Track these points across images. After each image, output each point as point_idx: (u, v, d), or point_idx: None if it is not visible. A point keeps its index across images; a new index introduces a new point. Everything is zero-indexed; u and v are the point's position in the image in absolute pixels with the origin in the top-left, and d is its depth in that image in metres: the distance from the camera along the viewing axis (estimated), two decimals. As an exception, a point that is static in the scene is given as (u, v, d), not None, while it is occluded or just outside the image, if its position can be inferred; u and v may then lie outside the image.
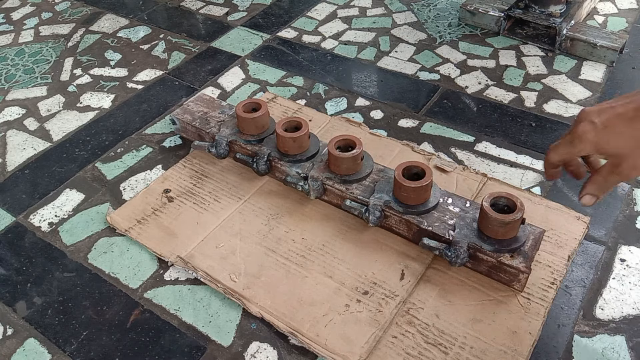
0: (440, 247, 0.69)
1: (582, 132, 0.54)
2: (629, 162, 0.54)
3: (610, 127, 0.53)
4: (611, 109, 0.54)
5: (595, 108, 0.55)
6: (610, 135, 0.53)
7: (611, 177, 0.56)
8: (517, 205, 0.67)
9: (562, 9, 1.11)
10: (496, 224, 0.66)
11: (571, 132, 0.56)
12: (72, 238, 0.80)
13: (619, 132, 0.53)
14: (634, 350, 0.64)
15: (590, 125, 0.54)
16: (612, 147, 0.54)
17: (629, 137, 0.52)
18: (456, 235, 0.68)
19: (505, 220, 0.65)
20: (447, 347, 0.63)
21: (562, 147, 0.57)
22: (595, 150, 0.55)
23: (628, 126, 0.52)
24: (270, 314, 0.68)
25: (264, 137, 0.84)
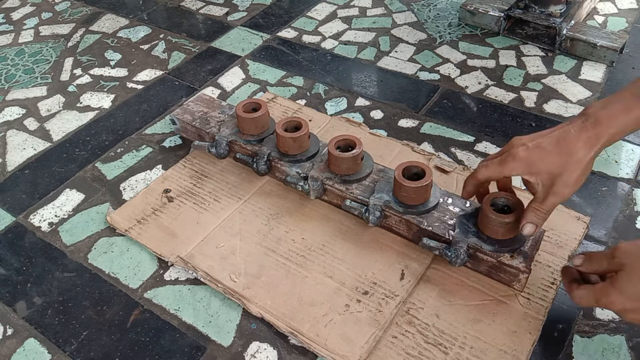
0: (440, 247, 0.69)
1: (515, 151, 0.60)
2: (561, 178, 0.59)
3: (540, 147, 0.59)
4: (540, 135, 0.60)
5: (526, 136, 0.61)
6: (541, 154, 0.59)
7: (548, 200, 0.61)
8: (517, 204, 0.67)
9: (562, 9, 1.11)
10: (496, 224, 0.66)
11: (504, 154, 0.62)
12: (72, 238, 0.80)
13: (548, 151, 0.58)
14: (634, 350, 0.64)
15: (522, 146, 0.60)
16: (543, 165, 0.59)
17: (556, 155, 0.58)
18: (456, 235, 0.68)
19: (505, 220, 0.65)
20: (447, 347, 0.63)
21: (492, 165, 0.62)
22: (526, 169, 0.60)
23: (555, 145, 0.58)
24: (270, 314, 0.68)
25: (264, 137, 0.84)
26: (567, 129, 0.59)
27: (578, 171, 0.59)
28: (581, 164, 0.59)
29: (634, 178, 0.84)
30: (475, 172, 0.65)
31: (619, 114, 0.57)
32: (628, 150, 0.88)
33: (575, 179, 0.59)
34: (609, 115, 0.57)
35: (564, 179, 0.59)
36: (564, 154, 0.58)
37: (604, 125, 0.57)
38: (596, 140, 0.58)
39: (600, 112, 0.58)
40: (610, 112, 0.57)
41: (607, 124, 0.57)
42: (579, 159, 0.58)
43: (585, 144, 0.58)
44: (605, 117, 0.57)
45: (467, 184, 0.67)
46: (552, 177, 0.60)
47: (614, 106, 0.58)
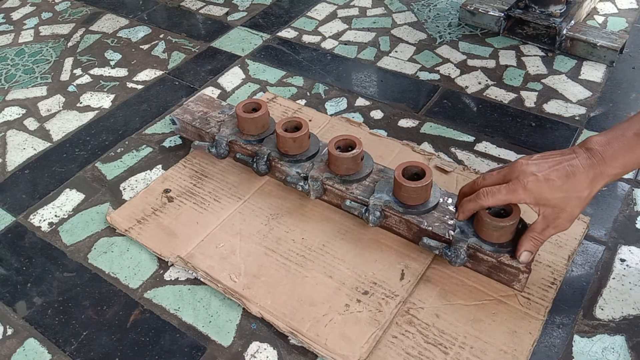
0: (440, 247, 0.69)
1: (526, 182, 0.60)
2: (565, 213, 0.60)
3: (550, 181, 0.59)
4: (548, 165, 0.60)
5: (532, 162, 0.61)
6: (551, 188, 0.59)
7: (547, 231, 0.62)
8: (512, 208, 0.66)
9: (562, 9, 1.11)
10: (490, 227, 0.65)
11: (513, 182, 0.61)
12: (72, 238, 0.80)
13: (558, 187, 0.59)
14: (634, 350, 0.64)
15: (534, 177, 0.59)
16: (552, 199, 0.59)
17: (565, 192, 0.59)
18: (456, 235, 0.68)
19: (499, 224, 0.65)
20: (447, 347, 0.63)
21: (502, 194, 0.62)
22: (534, 200, 0.61)
23: (565, 181, 0.59)
24: (270, 313, 0.68)
25: (264, 137, 0.84)
26: (576, 164, 0.59)
27: (580, 208, 0.60)
28: (585, 202, 0.60)
29: (634, 178, 0.84)
30: (479, 199, 0.63)
31: (622, 154, 0.57)
32: (628, 150, 0.88)
33: (576, 215, 0.61)
34: (613, 155, 0.58)
35: (568, 215, 0.60)
36: (572, 190, 0.59)
37: (608, 165, 0.58)
38: (601, 180, 0.59)
39: (605, 151, 0.58)
40: (614, 152, 0.58)
41: (610, 164, 0.58)
42: (585, 197, 0.59)
43: (591, 182, 0.59)
44: (610, 156, 0.58)
45: (467, 208, 0.66)
46: (557, 211, 0.60)
47: (618, 144, 0.58)
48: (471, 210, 0.66)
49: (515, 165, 0.62)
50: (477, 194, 0.64)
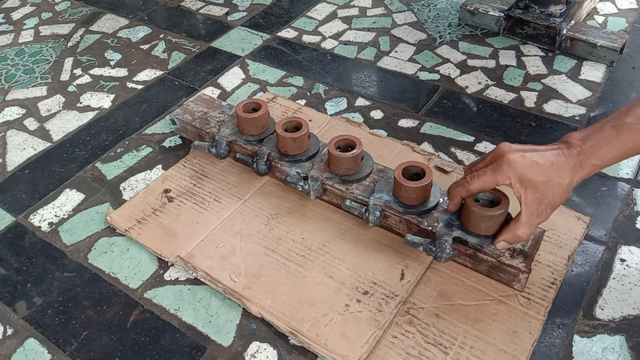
0: (424, 243, 0.68)
1: (511, 159, 0.59)
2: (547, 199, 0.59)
3: (535, 162, 0.59)
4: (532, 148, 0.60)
5: (517, 145, 0.61)
6: (536, 168, 0.58)
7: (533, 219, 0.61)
8: (501, 198, 0.65)
9: (562, 9, 1.11)
10: (478, 217, 0.64)
11: (497, 161, 0.60)
12: (72, 238, 0.80)
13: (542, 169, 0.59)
14: (634, 350, 0.64)
15: (518, 155, 0.59)
16: (535, 181, 0.59)
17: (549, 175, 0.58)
18: (440, 229, 0.67)
19: (488, 213, 0.63)
20: (447, 347, 0.63)
21: (487, 175, 0.61)
22: (519, 179, 0.59)
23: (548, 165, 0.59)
24: (270, 313, 0.68)
25: (264, 137, 0.84)
26: (559, 153, 0.59)
27: (561, 197, 0.60)
28: (566, 192, 0.60)
29: (634, 178, 0.84)
30: (467, 184, 0.62)
31: (600, 146, 0.58)
32: (628, 150, 0.88)
33: (558, 203, 0.61)
34: (592, 148, 0.58)
35: (550, 201, 0.60)
36: (555, 176, 0.59)
37: (587, 158, 0.58)
38: (581, 170, 0.59)
39: (584, 144, 0.59)
40: (592, 144, 0.58)
41: (589, 157, 0.58)
42: (566, 185, 0.59)
43: (572, 169, 0.59)
44: (588, 149, 0.58)
45: (455, 195, 0.65)
46: (539, 197, 0.60)
47: (596, 138, 0.58)
48: (460, 197, 0.65)
49: (500, 147, 0.62)
50: (465, 179, 0.63)
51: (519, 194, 0.60)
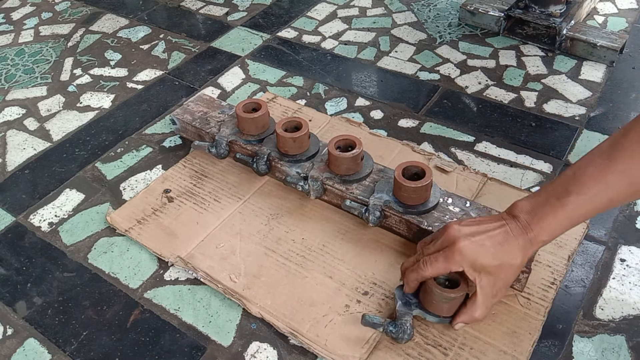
0: (384, 324, 0.63)
1: (462, 247, 0.59)
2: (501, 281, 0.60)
3: (484, 247, 0.58)
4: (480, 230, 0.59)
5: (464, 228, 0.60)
6: (485, 253, 0.58)
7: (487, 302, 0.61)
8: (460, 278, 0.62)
9: (562, 9, 1.11)
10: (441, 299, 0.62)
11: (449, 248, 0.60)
12: (72, 238, 0.80)
13: (491, 253, 0.58)
14: (634, 350, 0.64)
15: (468, 241, 0.59)
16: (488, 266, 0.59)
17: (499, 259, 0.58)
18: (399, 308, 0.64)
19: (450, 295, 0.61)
20: (446, 348, 0.63)
21: (440, 262, 0.60)
22: (471, 266, 0.59)
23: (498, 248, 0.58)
24: (270, 314, 0.68)
25: (264, 137, 0.84)
26: (506, 231, 0.59)
27: (513, 276, 0.61)
28: (517, 270, 0.60)
29: (634, 178, 0.83)
30: (420, 270, 0.62)
31: (548, 221, 0.57)
32: (628, 150, 0.88)
33: (510, 283, 0.62)
34: (539, 224, 0.58)
35: (503, 283, 0.61)
36: (505, 258, 0.59)
37: (535, 233, 0.58)
38: (530, 247, 0.59)
39: (531, 219, 0.58)
40: (539, 219, 0.57)
41: (537, 232, 0.58)
42: (518, 265, 0.59)
43: (522, 249, 0.58)
44: (535, 225, 0.58)
45: (411, 279, 0.63)
46: (492, 280, 0.60)
47: (542, 212, 0.58)
48: (415, 281, 0.63)
49: (449, 231, 0.61)
50: (418, 264, 0.62)
51: (473, 278, 0.60)
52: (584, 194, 0.55)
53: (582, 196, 0.55)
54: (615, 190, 0.54)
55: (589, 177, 0.55)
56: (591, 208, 0.56)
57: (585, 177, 0.55)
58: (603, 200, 0.55)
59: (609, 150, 0.54)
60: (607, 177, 0.54)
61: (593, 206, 0.56)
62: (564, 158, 0.87)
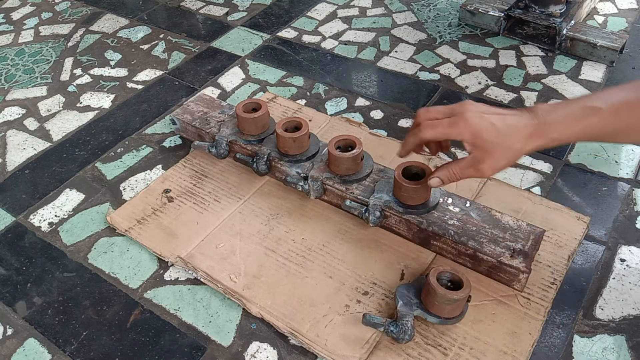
0: (385, 323, 0.64)
1: (469, 115, 0.58)
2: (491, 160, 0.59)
3: (492, 123, 0.58)
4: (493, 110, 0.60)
5: (479, 104, 0.60)
6: (491, 129, 0.58)
7: (467, 171, 0.61)
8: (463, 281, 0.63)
9: (562, 9, 1.11)
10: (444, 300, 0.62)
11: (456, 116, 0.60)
12: (72, 238, 0.80)
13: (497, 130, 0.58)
14: (634, 350, 0.64)
15: (477, 114, 0.59)
16: (488, 141, 0.58)
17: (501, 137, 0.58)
18: (400, 308, 0.64)
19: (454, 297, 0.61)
20: (446, 348, 0.63)
21: (443, 126, 0.60)
22: (472, 136, 0.59)
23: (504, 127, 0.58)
24: (270, 314, 0.68)
25: (264, 137, 0.84)
26: (518, 119, 0.59)
27: (508, 160, 0.60)
28: (515, 156, 0.60)
29: (634, 178, 0.84)
30: (420, 132, 0.62)
31: (563, 124, 0.58)
32: (628, 150, 0.88)
33: (502, 166, 0.60)
34: (554, 121, 0.58)
35: (493, 162, 0.60)
36: (507, 140, 0.58)
37: (547, 129, 0.58)
38: (537, 139, 0.59)
39: (548, 115, 0.58)
40: (555, 119, 0.58)
41: (549, 129, 0.58)
42: (516, 150, 0.59)
43: (527, 137, 0.58)
44: (551, 121, 0.58)
45: (408, 143, 0.64)
46: (485, 154, 0.59)
47: (561, 114, 0.58)
48: (412, 144, 0.64)
49: (463, 103, 0.61)
50: (419, 127, 0.62)
51: (469, 149, 0.60)
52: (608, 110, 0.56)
53: (605, 112, 0.56)
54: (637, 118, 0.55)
55: (618, 99, 0.56)
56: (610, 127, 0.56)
57: (614, 98, 0.56)
58: (622, 123, 0.56)
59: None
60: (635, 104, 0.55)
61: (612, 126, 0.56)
62: (564, 158, 0.87)
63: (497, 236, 0.69)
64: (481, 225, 0.71)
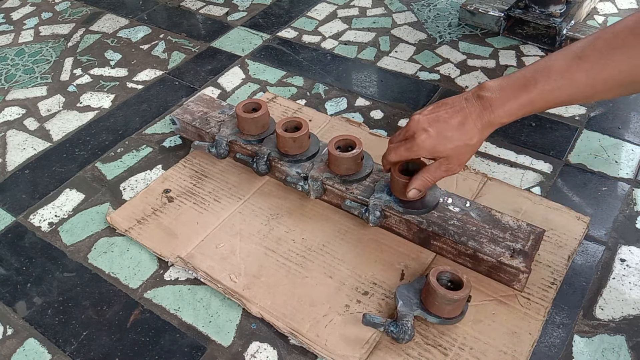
0: (385, 323, 0.64)
1: (420, 140, 0.64)
2: (457, 159, 0.64)
3: (441, 135, 0.63)
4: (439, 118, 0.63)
5: (424, 117, 0.64)
6: (443, 141, 0.63)
7: (438, 173, 0.67)
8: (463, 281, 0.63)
9: (562, 9, 1.11)
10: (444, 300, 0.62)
11: (409, 139, 0.65)
12: (72, 238, 0.80)
13: (449, 138, 0.63)
14: (634, 350, 0.64)
15: (426, 134, 0.63)
16: (445, 150, 0.63)
17: (456, 141, 0.62)
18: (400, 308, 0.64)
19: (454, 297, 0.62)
20: (446, 348, 0.63)
21: (401, 150, 0.67)
22: (430, 154, 0.65)
23: (455, 132, 0.62)
24: (270, 314, 0.68)
25: (264, 137, 0.84)
26: (466, 114, 0.62)
27: (470, 154, 0.64)
28: (474, 147, 0.64)
29: (634, 178, 0.84)
30: (387, 155, 0.69)
31: (510, 103, 0.59)
32: (628, 150, 0.88)
33: (467, 159, 0.65)
34: (501, 104, 0.60)
35: (458, 160, 0.64)
36: (462, 139, 0.62)
37: (496, 114, 0.60)
38: (489, 127, 0.62)
39: (494, 98, 0.60)
40: (502, 101, 0.60)
41: (498, 113, 0.60)
42: (473, 145, 0.63)
43: (480, 131, 0.62)
44: (498, 105, 0.60)
45: (384, 164, 0.72)
46: (448, 159, 0.64)
47: (506, 94, 0.60)
48: (387, 164, 0.71)
49: (410, 123, 0.66)
50: (386, 152, 0.70)
51: (432, 159, 0.66)
52: (549, 84, 0.57)
53: (546, 86, 0.57)
54: (577, 88, 0.57)
55: (557, 70, 0.57)
56: (552, 99, 0.58)
57: (553, 70, 0.57)
58: (563, 95, 0.57)
59: (581, 49, 0.56)
60: (573, 74, 0.56)
61: (554, 98, 0.58)
62: (564, 158, 0.87)
63: (497, 236, 0.69)
64: (481, 225, 0.71)
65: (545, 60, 0.59)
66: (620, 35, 0.53)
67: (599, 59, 0.54)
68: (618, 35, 0.54)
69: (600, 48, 0.54)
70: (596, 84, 0.55)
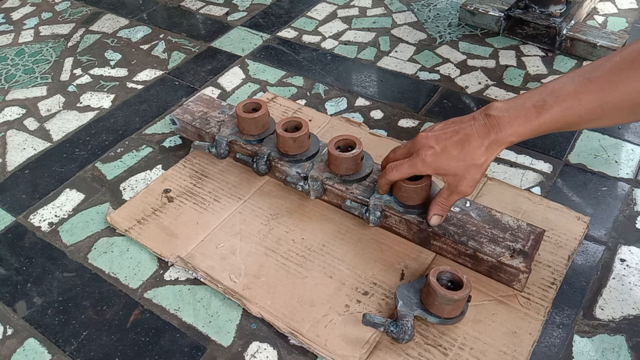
0: (385, 323, 0.64)
1: (424, 156, 0.63)
2: (466, 180, 0.64)
3: (446, 152, 0.63)
4: (445, 136, 0.63)
5: (431, 134, 0.64)
6: (447, 159, 0.63)
7: (452, 197, 0.66)
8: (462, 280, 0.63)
9: (562, 9, 1.11)
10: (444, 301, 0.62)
11: (413, 155, 0.65)
12: (72, 238, 0.80)
13: (454, 156, 0.62)
14: (634, 350, 0.64)
15: (431, 150, 0.63)
16: (449, 168, 0.63)
17: (461, 160, 0.62)
18: (401, 308, 0.64)
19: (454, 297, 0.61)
20: (446, 348, 0.63)
21: (405, 168, 0.66)
22: (434, 171, 0.65)
23: (460, 151, 0.62)
24: (270, 314, 0.68)
25: (264, 137, 0.84)
26: (471, 133, 0.61)
27: (479, 174, 0.63)
28: (483, 167, 0.63)
29: (634, 178, 0.84)
30: (387, 174, 0.68)
31: (518, 123, 0.59)
32: (628, 150, 0.88)
33: (477, 180, 0.64)
34: (509, 124, 0.59)
35: (468, 182, 0.64)
36: (468, 159, 0.62)
37: (503, 133, 0.60)
38: (496, 147, 0.61)
39: (502, 118, 0.60)
40: (510, 120, 0.59)
41: (506, 132, 0.60)
42: (481, 164, 0.62)
43: (486, 150, 0.61)
44: (506, 125, 0.60)
45: (381, 184, 0.71)
46: (457, 178, 0.64)
47: (515, 113, 0.59)
48: (385, 185, 0.71)
49: (416, 139, 0.65)
50: (385, 170, 0.69)
51: (440, 178, 0.66)
52: (559, 105, 0.57)
53: (556, 108, 0.57)
54: (586, 109, 0.56)
55: (567, 92, 0.57)
56: (562, 119, 0.58)
57: (563, 91, 0.57)
58: (573, 115, 0.57)
59: (591, 71, 0.56)
60: (583, 95, 0.56)
61: (564, 118, 0.58)
62: (564, 158, 0.87)
63: (497, 236, 0.69)
64: (481, 225, 0.71)
65: (555, 81, 0.59)
66: (629, 58, 0.53)
67: (607, 80, 0.54)
68: (627, 57, 0.54)
69: (609, 70, 0.54)
70: (605, 106, 0.55)
